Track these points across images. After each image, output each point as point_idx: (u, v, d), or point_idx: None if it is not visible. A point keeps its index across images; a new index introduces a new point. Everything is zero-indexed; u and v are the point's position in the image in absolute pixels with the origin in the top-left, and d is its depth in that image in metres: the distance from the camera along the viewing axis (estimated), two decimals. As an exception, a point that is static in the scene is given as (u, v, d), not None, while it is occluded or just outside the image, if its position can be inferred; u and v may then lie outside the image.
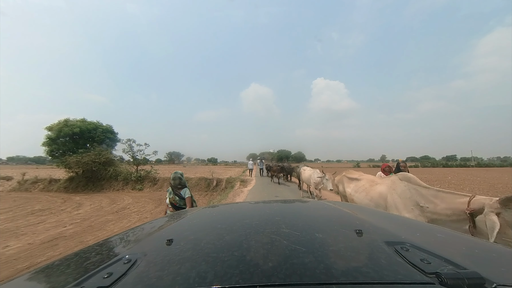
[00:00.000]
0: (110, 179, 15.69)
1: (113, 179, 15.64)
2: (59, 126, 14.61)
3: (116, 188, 15.29)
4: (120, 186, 15.43)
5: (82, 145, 15.48)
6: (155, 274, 0.50)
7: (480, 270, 0.45)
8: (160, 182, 15.68)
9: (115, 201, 11.99)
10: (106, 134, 16.43)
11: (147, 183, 15.58)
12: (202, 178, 15.82)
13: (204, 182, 15.47)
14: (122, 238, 0.89)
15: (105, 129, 16.62)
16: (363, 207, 1.40)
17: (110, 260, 0.59)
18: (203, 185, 15.32)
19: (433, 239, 0.74)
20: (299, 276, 0.46)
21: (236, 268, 0.50)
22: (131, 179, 15.31)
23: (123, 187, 15.36)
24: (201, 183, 15.46)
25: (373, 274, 0.46)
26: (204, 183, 15.39)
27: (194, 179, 15.72)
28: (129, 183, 15.51)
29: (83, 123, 15.58)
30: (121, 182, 15.56)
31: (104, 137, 16.30)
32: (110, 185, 15.50)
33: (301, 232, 0.73)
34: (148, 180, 15.75)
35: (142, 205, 10.72)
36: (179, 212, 1.38)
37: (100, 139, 16.04)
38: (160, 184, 15.54)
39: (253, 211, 1.18)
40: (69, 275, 0.56)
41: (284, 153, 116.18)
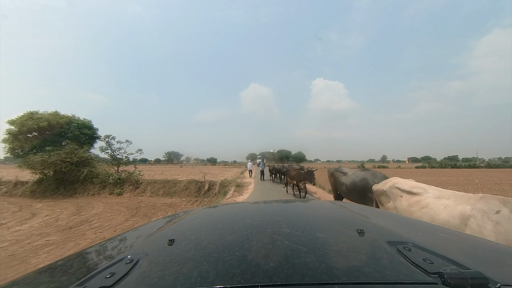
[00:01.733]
0: (85, 182, 13.47)
1: (89, 181, 13.42)
2: (22, 119, 12.39)
3: (91, 192, 13.07)
4: (96, 190, 13.21)
5: (51, 142, 13.25)
6: (157, 274, 0.50)
7: (483, 270, 0.44)
8: (143, 185, 13.46)
9: (82, 210, 9.79)
10: (81, 129, 14.20)
11: (127, 187, 13.36)
12: (192, 181, 13.60)
13: (194, 185, 13.26)
14: (124, 238, 0.89)
15: (81, 124, 14.39)
16: (365, 207, 1.33)
17: (112, 260, 0.60)
18: (193, 189, 13.10)
19: (435, 238, 0.73)
20: (300, 276, 0.46)
21: (238, 268, 0.50)
22: (108, 182, 13.08)
23: (100, 191, 13.14)
24: (191, 187, 13.24)
25: (375, 274, 0.46)
26: (195, 187, 13.18)
27: (183, 182, 13.51)
28: (107, 187, 13.29)
29: (53, 117, 13.35)
30: (97, 186, 13.34)
31: (79, 133, 14.07)
32: (84, 188, 13.28)
33: (303, 232, 0.73)
34: (129, 183, 13.51)
35: (111, 217, 8.52)
36: (181, 212, 1.33)
37: (74, 136, 13.82)
38: (143, 188, 13.32)
39: (254, 211, 1.18)
40: (72, 275, 0.57)
41: (284, 153, 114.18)
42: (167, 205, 10.90)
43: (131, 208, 10.04)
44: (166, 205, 10.89)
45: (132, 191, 13.17)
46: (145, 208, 10.14)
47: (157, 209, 10.00)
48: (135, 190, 13.23)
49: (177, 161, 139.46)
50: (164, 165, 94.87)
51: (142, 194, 12.92)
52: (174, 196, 12.68)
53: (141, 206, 10.41)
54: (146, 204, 11.03)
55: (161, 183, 13.49)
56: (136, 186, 13.45)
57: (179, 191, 13.02)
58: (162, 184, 13.43)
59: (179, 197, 12.57)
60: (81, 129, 14.24)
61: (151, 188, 13.20)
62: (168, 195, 12.77)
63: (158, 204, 11.02)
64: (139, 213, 9.21)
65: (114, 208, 9.96)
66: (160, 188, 13.21)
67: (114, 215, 8.74)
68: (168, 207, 10.63)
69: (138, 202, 11.37)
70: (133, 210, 9.73)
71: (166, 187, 13.24)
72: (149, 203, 11.07)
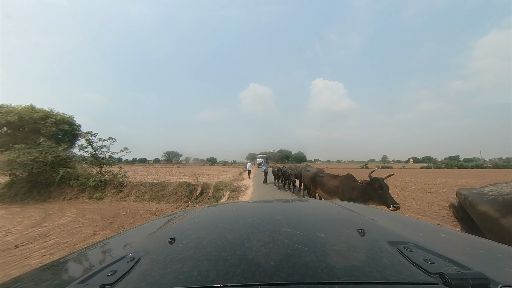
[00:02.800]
0: (62, 185, 11.92)
1: (66, 184, 11.87)
2: (-13, 113, 10.90)
3: (68, 196, 11.52)
4: (74, 193, 11.65)
5: (23, 139, 11.73)
6: (158, 272, 0.51)
7: (485, 270, 0.44)
8: (128, 188, 11.91)
9: (48, 218, 8.26)
10: (60, 125, 12.66)
11: (110, 190, 11.80)
12: (183, 183, 12.06)
13: (185, 189, 11.72)
14: (125, 236, 0.90)
15: (60, 120, 12.86)
16: (366, 206, 1.32)
17: (114, 258, 0.60)
18: (183, 193, 11.56)
19: (436, 238, 0.72)
20: (301, 275, 0.46)
21: (238, 266, 0.50)
22: (88, 184, 11.54)
23: (78, 195, 11.59)
24: (181, 190, 11.70)
25: (375, 274, 0.46)
26: (186, 191, 11.64)
27: (173, 185, 11.97)
28: (87, 190, 11.75)
29: (25, 110, 11.84)
30: (76, 189, 11.79)
31: (56, 130, 12.53)
32: (61, 192, 11.72)
33: (303, 231, 0.73)
34: (112, 185, 11.96)
35: (77, 229, 6.98)
36: (182, 211, 1.32)
37: (50, 132, 12.28)
38: (127, 191, 11.77)
39: (255, 210, 1.17)
40: (74, 273, 0.58)
41: (284, 153, 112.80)
42: (151, 212, 9.36)
43: (107, 216, 8.51)
44: (150, 212, 9.35)
45: (114, 195, 11.62)
46: (124, 216, 8.60)
47: (138, 218, 8.47)
48: (118, 194, 11.67)
49: (176, 161, 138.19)
50: (163, 165, 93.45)
51: (126, 199, 11.38)
52: (161, 201, 11.15)
53: (119, 214, 8.88)
54: (127, 210, 9.49)
55: (148, 186, 11.94)
56: (120, 189, 11.89)
57: (167, 195, 11.48)
58: (149, 187, 11.88)
59: (167, 202, 11.03)
60: (59, 125, 12.71)
61: (136, 192, 11.66)
62: (155, 200, 11.24)
63: (141, 210, 9.49)
64: (114, 224, 7.68)
65: (86, 217, 8.42)
66: (146, 192, 11.67)
67: (82, 227, 7.20)
68: (151, 214, 9.09)
69: (119, 209, 9.84)
70: (108, 219, 8.19)
71: (153, 191, 11.70)
72: (131, 210, 9.54)
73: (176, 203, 10.93)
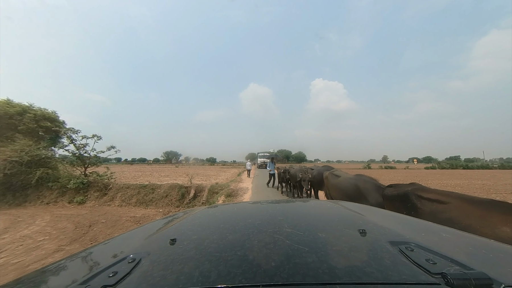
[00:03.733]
0: (40, 187, 10.76)
1: (45, 186, 10.71)
2: (-46, 107, 9.72)
3: (47, 200, 10.36)
4: (53, 197, 10.49)
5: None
6: (159, 273, 0.50)
7: (487, 270, 0.43)
8: (113, 191, 10.74)
9: (13, 227, 7.09)
10: (39, 121, 11.49)
11: (93, 193, 10.63)
12: (175, 185, 10.89)
13: (177, 192, 10.55)
14: (126, 237, 0.89)
15: (40, 115, 11.69)
16: (367, 207, 1.30)
17: (115, 259, 0.60)
18: (175, 197, 10.40)
19: (438, 238, 0.72)
20: (302, 276, 0.45)
21: (239, 267, 0.50)
22: (67, 186, 10.38)
23: (58, 199, 10.43)
24: (172, 193, 10.53)
25: (377, 274, 0.45)
26: (177, 194, 10.48)
27: (163, 188, 10.80)
28: (68, 193, 10.59)
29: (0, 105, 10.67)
30: (56, 192, 10.63)
31: (35, 126, 11.37)
32: (38, 195, 10.56)
33: (304, 231, 0.72)
34: (96, 188, 10.79)
35: (39, 243, 5.80)
36: (182, 212, 1.33)
37: (27, 129, 11.11)
38: (113, 194, 10.61)
39: (256, 211, 1.16)
40: (75, 274, 0.57)
41: (284, 153, 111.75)
42: (135, 219, 8.20)
43: (82, 225, 7.34)
44: (134, 219, 8.19)
45: (98, 198, 10.46)
46: (102, 225, 7.44)
47: (118, 227, 7.31)
48: (102, 198, 10.51)
49: (175, 161, 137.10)
50: (161, 165, 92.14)
51: (110, 203, 10.21)
52: (150, 206, 9.98)
53: (98, 222, 7.71)
54: (108, 217, 8.33)
55: (136, 189, 10.78)
56: (104, 192, 10.72)
57: (157, 199, 10.32)
58: (136, 190, 10.72)
59: (156, 207, 9.86)
60: (38, 121, 11.53)
61: (122, 195, 10.49)
62: (143, 204, 10.07)
63: (124, 217, 8.33)
64: (87, 235, 6.51)
65: (58, 226, 7.26)
66: (133, 195, 10.50)
67: (46, 240, 6.02)
68: (135, 222, 7.93)
69: (100, 215, 8.68)
70: (83, 228, 7.03)
71: (141, 194, 10.54)
72: (113, 217, 8.37)
73: (165, 208, 9.77)
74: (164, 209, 9.61)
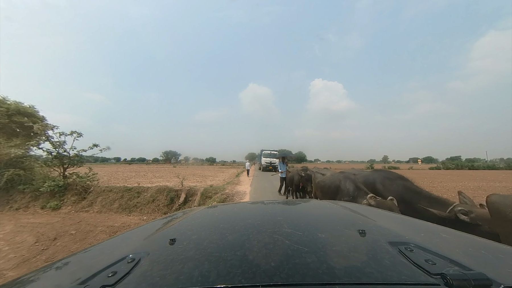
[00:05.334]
0: (10, 190, 9.53)
1: (15, 189, 9.47)
2: None
3: (17, 205, 9.12)
4: (25, 201, 9.26)
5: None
6: (158, 273, 0.50)
7: (486, 271, 0.43)
8: (93, 195, 9.49)
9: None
10: (12, 116, 10.24)
11: (70, 197, 9.39)
12: (164, 188, 9.64)
13: (165, 196, 9.31)
14: (125, 237, 0.89)
15: (15, 110, 10.42)
16: (366, 207, 1.32)
17: (114, 259, 0.59)
18: (163, 201, 9.15)
19: (438, 239, 0.71)
20: (301, 276, 0.45)
21: (239, 267, 0.50)
22: (42, 190, 9.15)
23: (30, 204, 9.20)
24: (160, 197, 9.29)
25: (376, 275, 0.45)
26: (166, 198, 9.23)
27: (150, 191, 9.56)
28: (41, 197, 9.34)
29: (-36, 97, 9.42)
30: (28, 195, 9.39)
31: (8, 121, 10.11)
32: (8, 199, 9.33)
33: (304, 232, 0.72)
34: (74, 191, 9.54)
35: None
36: (182, 211, 1.33)
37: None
38: (92, 198, 9.37)
39: (255, 211, 1.16)
40: (74, 274, 0.56)
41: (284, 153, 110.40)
42: (113, 229, 6.96)
43: (45, 238, 6.11)
44: (112, 229, 6.95)
45: (75, 203, 9.21)
46: (70, 238, 6.20)
47: (88, 240, 6.08)
48: (80, 202, 9.26)
49: (175, 160, 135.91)
50: (160, 165, 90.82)
51: (88, 209, 8.97)
52: (133, 212, 8.74)
53: (67, 233, 6.47)
54: (81, 227, 7.09)
55: (119, 192, 9.53)
56: (83, 196, 9.47)
57: (142, 204, 9.07)
58: (119, 194, 9.47)
59: (141, 213, 8.62)
60: (11, 116, 10.26)
61: (102, 200, 9.25)
62: (126, 210, 8.83)
63: (99, 227, 7.08)
64: (45, 253, 5.28)
65: (16, 239, 6.01)
66: (115, 200, 9.26)
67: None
68: (111, 233, 6.68)
69: (73, 224, 7.44)
70: (44, 243, 5.80)
71: (124, 198, 9.29)
72: (87, 227, 7.13)
73: (151, 214, 8.53)
74: (149, 216, 8.37)
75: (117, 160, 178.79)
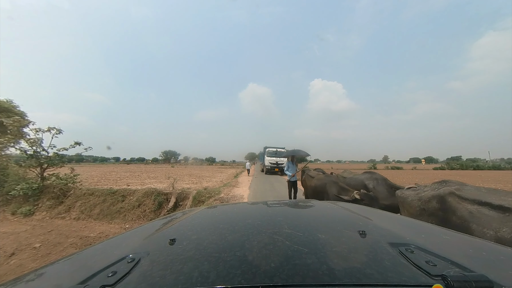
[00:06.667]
0: (-21, 193, 8.48)
1: (-15, 192, 8.44)
2: None
3: (-15, 210, 8.07)
4: (-5, 206, 8.21)
5: None
6: (158, 273, 0.50)
7: (487, 272, 0.43)
8: (71, 199, 8.47)
9: None
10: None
11: (46, 202, 8.36)
12: (152, 192, 8.62)
13: (153, 200, 8.28)
14: (125, 237, 0.89)
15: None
16: (366, 208, 1.28)
17: (114, 259, 0.59)
18: (150, 206, 8.13)
19: (438, 240, 0.71)
20: (301, 277, 0.45)
21: (239, 268, 0.50)
22: (11, 193, 8.12)
23: (0, 209, 8.15)
24: (147, 201, 8.26)
25: (377, 276, 0.45)
26: (153, 203, 8.20)
27: (137, 194, 8.53)
28: (14, 201, 8.32)
29: None
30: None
31: (-21, 117, 9.11)
32: (-24, 204, 8.28)
33: (304, 232, 0.71)
34: (50, 195, 8.52)
35: None
36: (181, 211, 1.31)
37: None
38: (71, 203, 8.34)
39: (255, 212, 1.15)
40: (74, 274, 0.56)
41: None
42: (86, 241, 5.93)
43: (1, 253, 5.09)
44: (85, 241, 5.92)
45: (51, 208, 8.19)
46: (31, 253, 5.17)
47: (52, 255, 5.05)
48: (57, 207, 8.24)
49: (174, 160, 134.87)
50: (159, 164, 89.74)
51: (65, 215, 7.95)
52: (116, 218, 7.72)
53: (30, 246, 5.44)
54: (50, 238, 6.06)
55: (101, 196, 8.51)
56: (60, 200, 8.44)
57: (127, 210, 8.04)
58: (102, 198, 8.45)
59: (123, 220, 7.59)
60: (-17, 112, 9.27)
61: (82, 205, 8.22)
62: (107, 217, 7.80)
63: (70, 238, 6.06)
64: None
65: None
66: (97, 204, 8.23)
67: None
68: (83, 245, 5.69)
69: (42, 234, 6.41)
70: (-4, 260, 4.79)
71: (107, 203, 8.26)
72: (56, 237, 6.11)
73: (135, 222, 7.50)
74: (132, 223, 7.34)
75: (116, 160, 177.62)
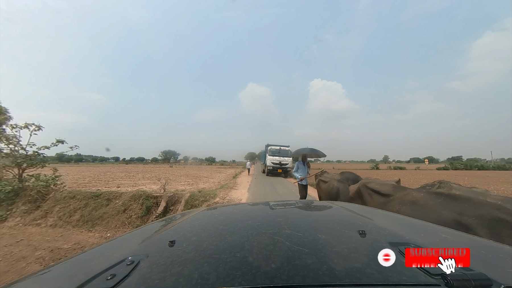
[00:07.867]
0: None
1: (-46, 196, 7.56)
2: None
3: (-47, 215, 7.18)
4: (-36, 211, 7.32)
5: None
6: (157, 275, 0.50)
7: (487, 271, 0.43)
8: (50, 203, 7.59)
9: None
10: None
11: (21, 206, 7.48)
12: (140, 195, 7.74)
13: (140, 204, 7.40)
14: (125, 239, 0.88)
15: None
16: (366, 208, 1.32)
17: (113, 262, 0.59)
18: (137, 211, 7.25)
19: (438, 239, 0.72)
20: (301, 278, 0.45)
21: (239, 269, 0.50)
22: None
23: (-31, 214, 7.27)
24: (134, 206, 7.38)
25: (377, 276, 0.45)
26: (141, 207, 7.33)
27: (123, 198, 7.65)
28: (-15, 205, 7.43)
29: None
30: (-31, 203, 7.47)
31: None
32: None
33: (304, 233, 0.71)
34: (26, 199, 7.63)
35: None
36: (181, 213, 1.32)
37: None
38: (48, 207, 7.46)
39: (255, 212, 1.16)
40: (73, 277, 0.56)
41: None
42: (56, 254, 5.06)
43: None
44: (55, 254, 5.04)
45: (26, 213, 7.30)
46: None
47: (8, 276, 4.21)
48: (33, 212, 7.36)
49: (174, 160, 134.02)
50: (158, 164, 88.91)
51: (41, 221, 7.06)
52: (97, 225, 6.84)
53: None
54: (16, 250, 5.17)
55: (83, 200, 7.63)
56: (37, 204, 7.56)
57: (110, 215, 7.16)
58: (84, 202, 7.56)
59: (106, 228, 6.71)
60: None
61: (61, 209, 7.34)
62: (88, 223, 6.92)
63: (39, 250, 5.18)
64: None
65: None
66: (78, 209, 7.35)
67: None
68: (52, 261, 4.82)
69: (8, 244, 5.54)
70: None
71: (89, 207, 7.39)
72: (23, 249, 5.23)
73: (119, 229, 6.62)
74: (114, 232, 6.47)
75: (115, 160, 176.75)
